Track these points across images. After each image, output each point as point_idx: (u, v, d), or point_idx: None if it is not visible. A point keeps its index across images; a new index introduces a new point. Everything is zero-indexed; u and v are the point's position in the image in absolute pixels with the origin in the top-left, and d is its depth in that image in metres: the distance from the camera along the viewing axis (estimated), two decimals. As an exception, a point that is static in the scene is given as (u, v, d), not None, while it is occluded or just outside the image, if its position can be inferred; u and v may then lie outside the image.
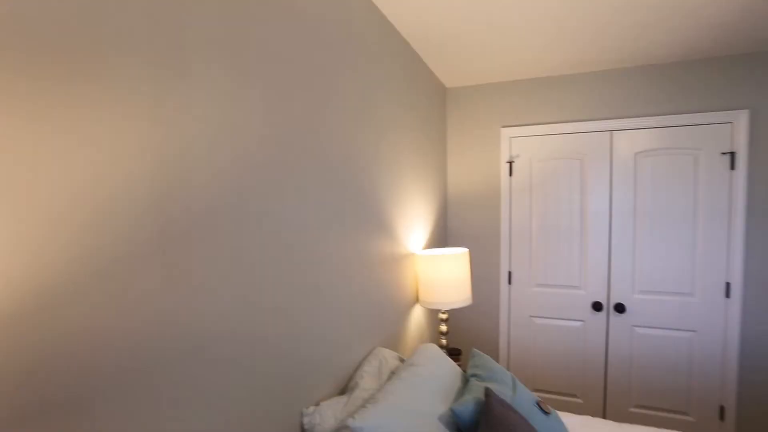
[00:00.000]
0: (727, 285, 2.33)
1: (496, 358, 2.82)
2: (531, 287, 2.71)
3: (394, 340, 1.95)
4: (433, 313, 2.53)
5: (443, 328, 2.21)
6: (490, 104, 2.77)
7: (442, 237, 2.79)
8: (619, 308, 2.50)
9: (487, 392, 1.20)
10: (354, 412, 1.21)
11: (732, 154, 2.31)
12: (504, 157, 2.74)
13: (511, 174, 2.73)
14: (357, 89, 1.56)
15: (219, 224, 0.91)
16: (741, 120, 2.29)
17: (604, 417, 2.60)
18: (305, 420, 1.24)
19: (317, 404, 1.31)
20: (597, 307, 2.55)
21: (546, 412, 1.37)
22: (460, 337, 2.91)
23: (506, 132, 2.73)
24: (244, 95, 0.99)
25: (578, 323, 2.62)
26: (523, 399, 1.36)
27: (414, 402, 1.24)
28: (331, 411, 1.28)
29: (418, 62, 2.28)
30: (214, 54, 0.90)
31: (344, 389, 1.48)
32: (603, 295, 2.55)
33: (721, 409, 2.36)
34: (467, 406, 1.22)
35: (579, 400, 2.65)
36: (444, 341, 2.22)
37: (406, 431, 1.12)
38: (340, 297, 1.47)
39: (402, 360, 1.70)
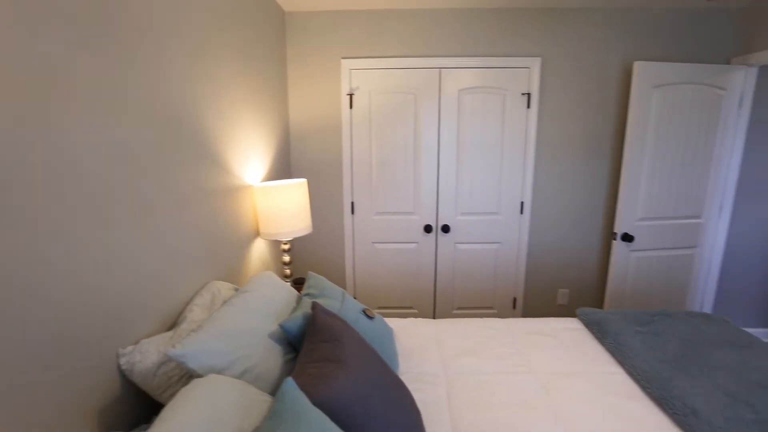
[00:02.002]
0: (522, 204, 2.88)
1: (343, 283, 3.02)
2: (372, 215, 2.91)
3: (233, 274, 1.91)
4: (277, 246, 2.54)
5: (286, 258, 2.24)
6: (331, 33, 2.70)
7: (285, 169, 2.74)
8: (445, 229, 2.89)
9: (313, 305, 1.28)
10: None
11: (528, 95, 2.75)
12: (345, 90, 2.75)
13: (351, 107, 2.78)
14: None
15: None
16: (535, 66, 2.71)
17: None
18: (122, 360, 1.15)
19: (136, 343, 1.22)
20: (428, 229, 2.89)
21: (370, 317, 1.54)
22: (309, 268, 3.01)
23: (347, 63, 2.72)
24: None
25: (413, 245, 2.94)
26: (349, 309, 1.49)
27: (243, 324, 1.25)
28: (154, 347, 1.21)
29: (246, -27, 2.05)
30: None
31: (173, 326, 1.41)
32: (433, 219, 2.90)
33: (514, 300, 3.02)
34: (295, 320, 1.29)
35: (415, 311, 3.06)
36: (288, 271, 2.27)
37: (233, 352, 1.14)
38: (165, 232, 1.34)
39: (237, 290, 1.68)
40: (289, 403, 0.78)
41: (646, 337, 1.71)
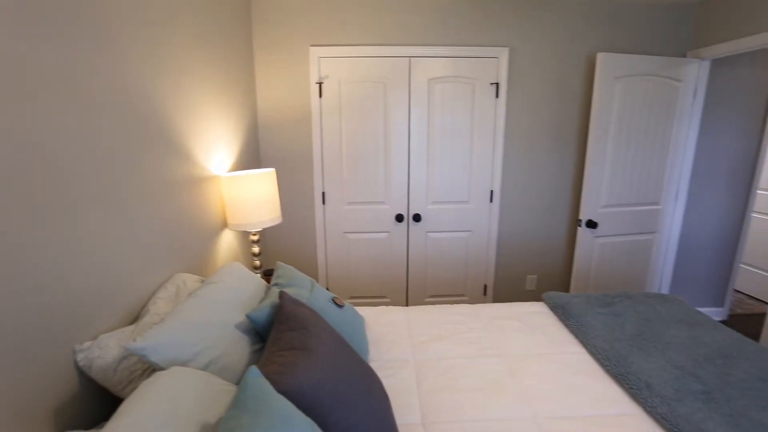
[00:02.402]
0: (491, 192, 2.93)
1: (315, 274, 3.01)
2: (343, 205, 2.90)
3: (200, 267, 1.86)
4: (246, 237, 2.49)
5: (255, 249, 2.21)
6: (299, 21, 2.65)
7: (254, 159, 2.69)
8: (417, 218, 2.91)
9: (281, 294, 1.27)
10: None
11: (497, 85, 2.79)
12: (314, 78, 2.71)
13: (321, 96, 2.74)
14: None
15: None
16: (503, 56, 2.74)
17: (405, 309, 3.09)
18: (79, 357, 1.11)
19: (95, 338, 1.18)
20: (399, 218, 2.90)
21: (340, 306, 1.54)
22: (280, 259, 2.97)
23: (315, 51, 2.68)
24: None
25: (384, 234, 2.95)
26: (318, 297, 1.49)
27: (209, 316, 1.23)
28: (114, 341, 1.17)
29: (207, -45, 1.97)
30: None
31: (136, 320, 1.37)
32: (404, 208, 2.91)
33: (485, 287, 3.08)
34: (263, 310, 1.28)
35: (387, 300, 3.08)
36: (258, 262, 2.23)
37: (197, 344, 1.11)
38: (127, 223, 1.30)
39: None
40: (253, 391, 0.77)
41: (606, 318, 1.79)
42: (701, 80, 2.81)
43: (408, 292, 3.06)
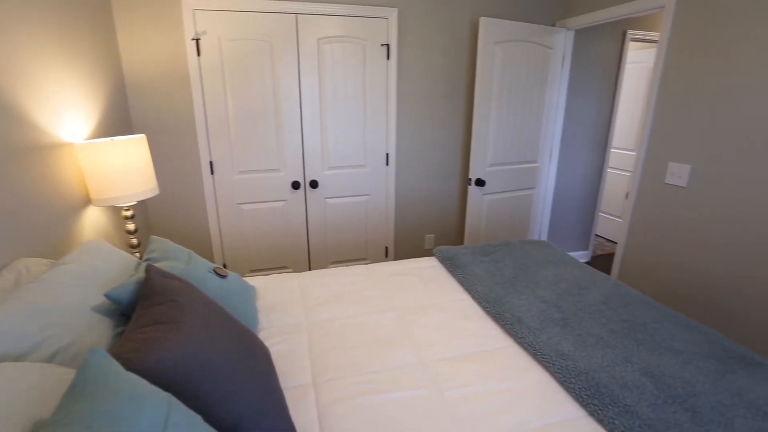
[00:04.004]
0: (387, 155, 2.96)
1: (209, 250, 2.81)
2: (234, 175, 2.71)
3: (57, 251, 1.60)
4: (117, 213, 2.21)
5: (130, 226, 1.97)
6: (164, -37, 2.31)
7: (124, 125, 2.36)
8: (314, 184, 2.84)
9: (147, 268, 1.14)
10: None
11: (387, 46, 2.77)
12: (189, 34, 2.42)
13: (199, 54, 2.47)
14: None
15: None
16: (392, 17, 2.72)
17: (309, 278, 3.06)
18: None
19: None
20: (295, 185, 2.81)
21: (222, 276, 1.45)
22: (167, 235, 2.71)
23: (189, 3, 2.38)
24: None
25: (281, 203, 2.84)
26: (197, 269, 1.38)
27: (56, 300, 1.06)
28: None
29: None
30: None
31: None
32: (300, 175, 2.82)
33: (386, 249, 3.17)
34: (126, 287, 1.14)
35: (290, 270, 3.01)
36: (135, 240, 2.00)
37: (38, 333, 0.96)
38: None
39: (57, 265, 1.42)
40: (93, 374, 0.68)
41: (488, 265, 1.95)
42: (568, 48, 3.10)
43: (310, 260, 3.02)
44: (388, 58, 2.78)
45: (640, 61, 3.93)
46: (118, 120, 2.28)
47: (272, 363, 1.16)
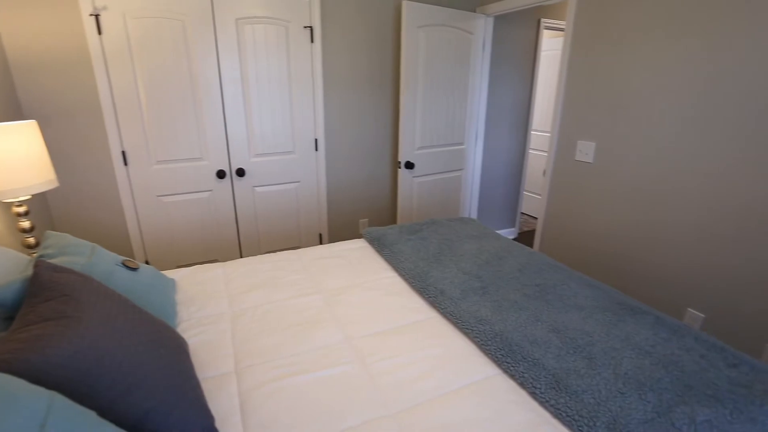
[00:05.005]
0: (316, 141, 2.92)
1: (129, 247, 2.61)
2: (152, 165, 2.53)
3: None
4: (7, 211, 1.98)
5: (24, 224, 1.77)
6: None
7: (12, 111, 2.10)
8: (240, 173, 2.73)
9: (36, 264, 1.04)
10: None
11: (311, 29, 2.71)
12: (86, 9, 2.20)
13: (100, 32, 2.25)
14: None
15: None
16: (314, -4, 2.66)
17: (241, 270, 2.95)
18: None
19: None
20: (221, 175, 2.68)
21: (133, 268, 1.36)
22: (78, 234, 2.48)
23: (81, -27, 2.15)
24: None
25: (206, 193, 2.71)
26: (102, 262, 1.28)
27: None
28: None
29: None
30: None
31: None
32: (225, 163, 2.70)
33: (320, 236, 3.14)
34: (10, 287, 1.03)
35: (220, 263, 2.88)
36: (31, 240, 1.81)
37: None
38: None
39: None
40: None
41: (415, 243, 2.00)
42: (488, 34, 3.22)
43: (241, 252, 2.92)
44: (312, 41, 2.72)
45: (553, 49, 4.20)
46: (2, 105, 2.02)
47: (187, 353, 1.11)
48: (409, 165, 3.04)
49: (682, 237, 2.05)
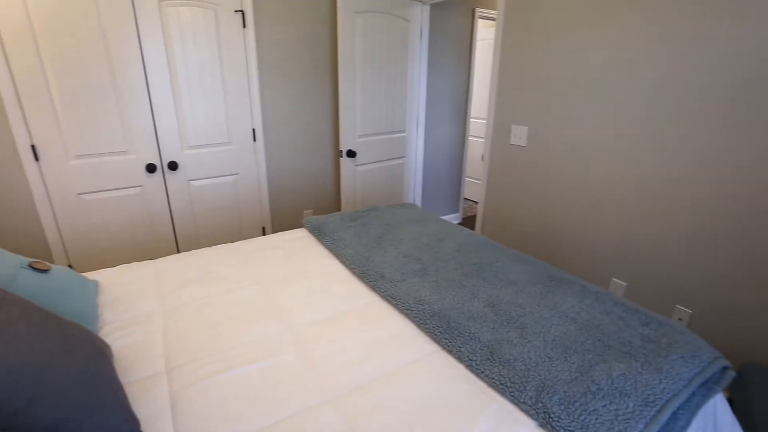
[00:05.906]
0: (253, 131, 2.82)
1: (46, 249, 2.38)
2: (69, 160, 2.32)
3: None
4: None
5: None
6: None
7: None
8: (173, 166, 2.58)
9: None
10: None
11: (242, 13, 2.59)
12: (-25, -15, 1.95)
13: (-6, 11, 2.01)
14: None
15: None
16: (243, -22, 2.54)
17: (179, 269, 2.80)
18: None
19: None
20: (151, 168, 2.51)
21: (42, 270, 1.24)
22: (-18, 242, 2.23)
23: (-33, -56, 1.90)
24: None
25: (136, 189, 2.53)
26: (1, 266, 1.15)
27: None
28: None
29: None
30: None
31: None
32: (155, 156, 2.52)
33: (263, 229, 3.05)
34: None
35: (150, 260, 2.71)
36: None
37: None
38: None
39: None
40: None
41: (356, 229, 2.00)
42: (425, 22, 3.25)
43: (179, 249, 2.76)
44: (244, 26, 2.60)
45: (489, 38, 4.32)
46: None
47: (107, 357, 1.03)
48: (351, 153, 3.01)
49: (608, 214, 2.20)
